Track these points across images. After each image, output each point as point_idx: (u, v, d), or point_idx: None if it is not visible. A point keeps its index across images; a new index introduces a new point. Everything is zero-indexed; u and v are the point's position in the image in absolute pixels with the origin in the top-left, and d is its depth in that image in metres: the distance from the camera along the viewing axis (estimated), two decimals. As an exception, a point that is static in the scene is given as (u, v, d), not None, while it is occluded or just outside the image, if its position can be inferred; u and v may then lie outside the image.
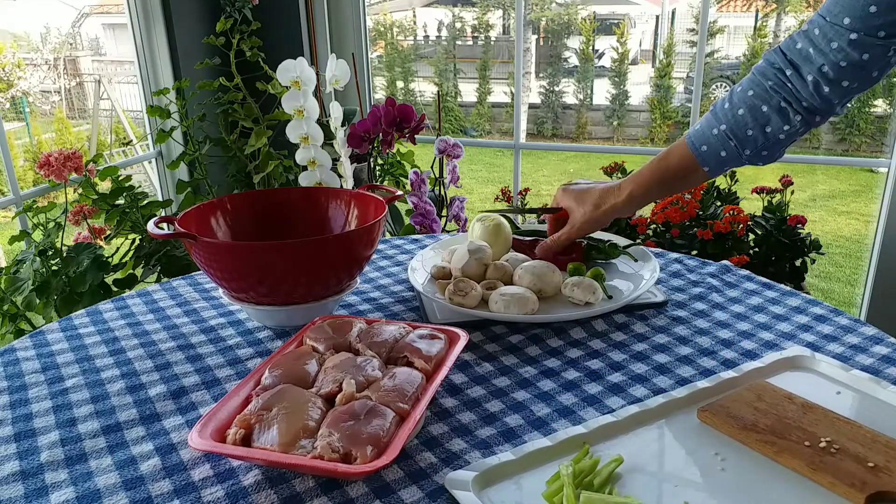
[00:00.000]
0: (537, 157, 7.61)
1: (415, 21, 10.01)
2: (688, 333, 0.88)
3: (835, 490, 0.58)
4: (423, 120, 1.74)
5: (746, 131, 0.87)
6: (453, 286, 0.92)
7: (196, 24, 2.19)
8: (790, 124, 0.85)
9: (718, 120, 0.89)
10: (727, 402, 0.70)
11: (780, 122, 0.85)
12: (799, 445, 0.63)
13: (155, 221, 0.86)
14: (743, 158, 0.89)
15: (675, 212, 1.93)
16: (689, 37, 8.73)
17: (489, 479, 0.61)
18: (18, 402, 0.76)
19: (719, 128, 0.89)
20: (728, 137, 0.88)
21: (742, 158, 0.89)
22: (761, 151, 0.88)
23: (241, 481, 0.62)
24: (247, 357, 0.84)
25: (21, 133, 7.28)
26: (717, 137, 0.89)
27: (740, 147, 0.88)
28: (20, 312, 1.58)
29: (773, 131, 0.86)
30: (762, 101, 0.86)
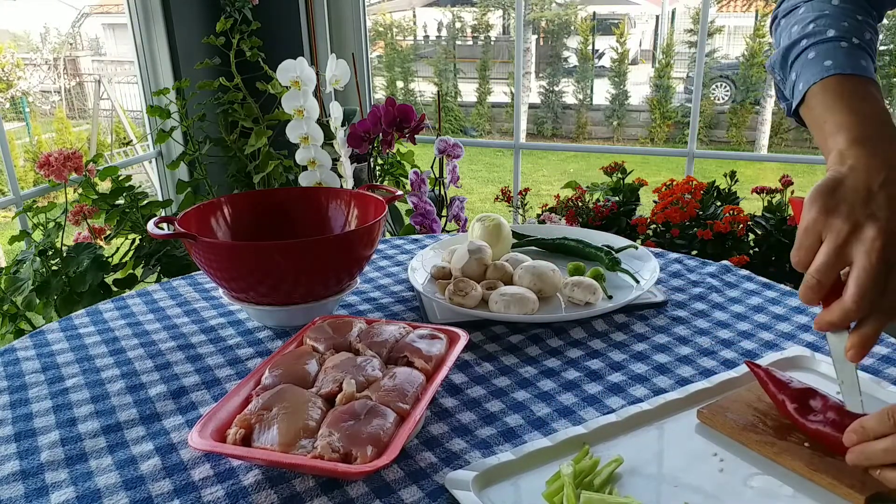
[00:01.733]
0: (537, 157, 7.61)
1: (414, 21, 10.02)
2: (688, 333, 0.88)
3: (834, 490, 0.58)
4: (423, 120, 1.74)
5: (864, 33, 0.71)
6: (453, 286, 0.92)
7: (196, 24, 2.19)
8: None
9: (837, 39, 0.70)
10: (727, 402, 0.70)
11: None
12: (798, 446, 0.63)
13: (155, 221, 0.86)
14: (875, 62, 0.71)
15: (675, 212, 1.93)
16: (688, 37, 8.73)
17: (489, 479, 0.61)
18: (18, 402, 0.76)
19: (850, 41, 0.70)
20: (863, 48, 0.70)
21: (875, 63, 0.71)
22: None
23: (241, 481, 0.62)
24: (247, 357, 0.84)
25: (21, 133, 7.28)
26: (855, 49, 0.70)
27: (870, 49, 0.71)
28: (20, 312, 1.58)
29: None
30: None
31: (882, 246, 0.56)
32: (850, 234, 0.57)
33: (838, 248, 0.58)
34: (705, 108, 8.30)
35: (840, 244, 0.58)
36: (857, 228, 0.57)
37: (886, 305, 0.57)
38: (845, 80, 0.67)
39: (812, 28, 0.72)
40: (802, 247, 0.60)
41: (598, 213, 2.03)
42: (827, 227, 0.58)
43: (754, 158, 8.24)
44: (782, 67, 0.74)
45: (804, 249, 0.60)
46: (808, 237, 0.60)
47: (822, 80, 0.68)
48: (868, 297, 0.56)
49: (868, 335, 0.58)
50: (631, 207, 2.10)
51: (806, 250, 0.60)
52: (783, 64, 0.74)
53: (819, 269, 0.58)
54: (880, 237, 0.56)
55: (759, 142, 8.14)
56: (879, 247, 0.56)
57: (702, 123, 8.16)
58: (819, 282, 0.59)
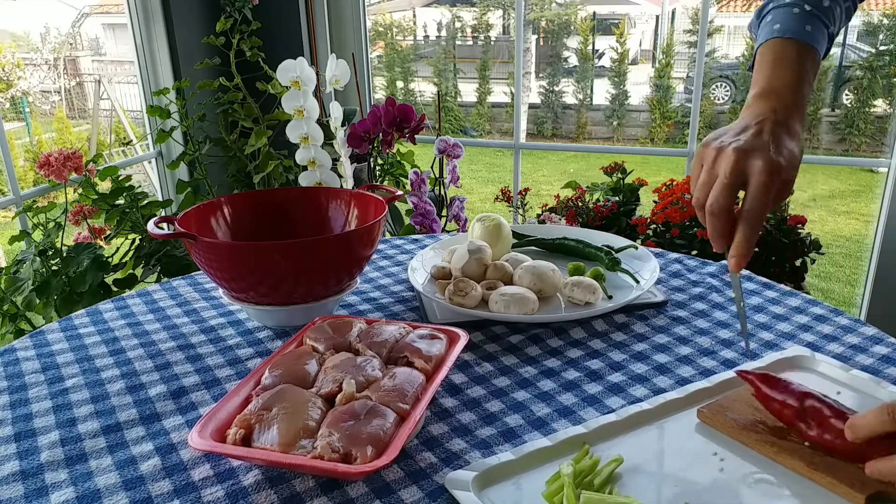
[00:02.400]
0: (537, 157, 7.61)
1: (414, 21, 10.01)
2: (688, 333, 0.88)
3: (834, 490, 0.58)
4: (423, 120, 1.74)
5: (822, 1, 0.78)
6: (453, 286, 0.92)
7: (196, 24, 2.19)
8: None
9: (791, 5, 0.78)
10: (727, 402, 0.70)
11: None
12: (798, 445, 0.63)
13: (155, 221, 0.86)
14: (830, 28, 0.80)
15: (675, 212, 1.93)
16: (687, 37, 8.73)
17: (489, 479, 0.61)
18: (18, 402, 0.76)
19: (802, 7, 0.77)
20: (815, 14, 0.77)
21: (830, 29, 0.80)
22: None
23: (241, 481, 0.62)
24: (247, 357, 0.84)
25: (21, 133, 7.28)
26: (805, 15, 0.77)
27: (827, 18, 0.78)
28: (20, 312, 1.58)
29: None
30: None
31: (735, 160, 0.66)
32: (716, 156, 0.69)
33: (709, 171, 0.69)
34: (705, 108, 8.30)
35: (709, 167, 0.69)
36: (720, 151, 0.68)
37: (748, 213, 0.67)
38: (783, 43, 0.76)
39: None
40: (693, 177, 0.72)
41: (598, 213, 2.03)
42: (702, 154, 0.71)
43: (754, 158, 8.21)
44: (756, 26, 0.83)
45: (693, 179, 0.72)
46: (694, 168, 0.72)
47: (766, 41, 0.78)
48: (720, 202, 0.67)
49: (739, 242, 0.67)
50: (631, 207, 2.10)
51: (693, 179, 0.72)
52: (756, 22, 0.83)
53: (696, 188, 0.70)
54: (734, 153, 0.67)
55: (759, 142, 8.12)
56: (733, 160, 0.67)
57: (702, 123, 8.15)
58: (697, 199, 0.70)
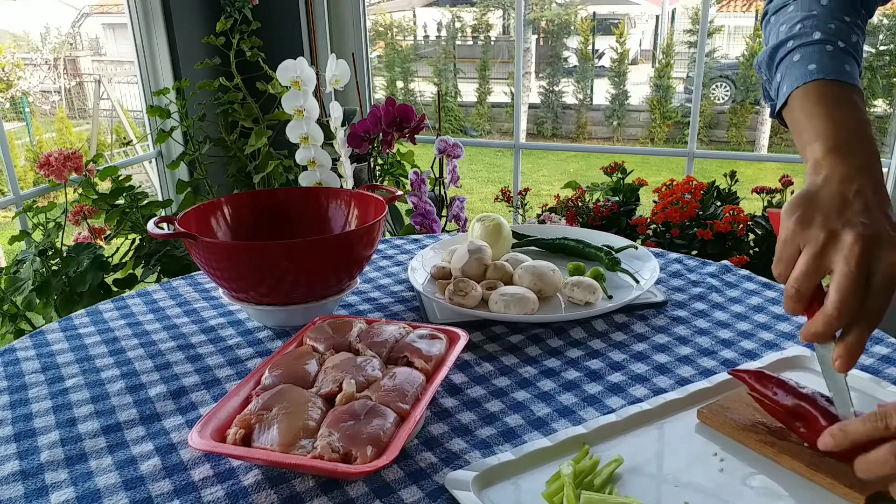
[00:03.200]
0: (537, 157, 7.61)
1: (414, 21, 10.02)
2: (688, 333, 0.88)
3: (834, 490, 0.58)
4: (423, 120, 1.74)
5: (850, 36, 0.71)
6: (453, 286, 0.92)
7: (196, 24, 2.19)
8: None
9: (822, 42, 0.70)
10: (727, 402, 0.70)
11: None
12: (798, 446, 0.63)
13: (155, 221, 0.86)
14: (861, 64, 0.72)
15: (675, 212, 1.93)
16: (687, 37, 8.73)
17: (489, 479, 0.61)
18: (18, 402, 0.76)
19: (836, 44, 0.69)
20: (849, 51, 0.70)
21: (861, 66, 0.72)
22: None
23: (241, 481, 0.62)
24: (247, 357, 0.84)
25: (21, 133, 7.28)
26: (840, 53, 0.69)
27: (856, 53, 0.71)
28: (20, 312, 1.58)
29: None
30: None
31: (861, 251, 0.56)
32: (827, 242, 0.57)
33: (817, 257, 0.58)
34: (705, 108, 8.30)
35: (818, 253, 0.57)
36: (834, 236, 0.57)
37: (868, 312, 0.57)
38: (827, 85, 0.67)
39: (799, 29, 0.71)
40: (782, 259, 0.60)
41: (598, 213, 2.03)
42: (804, 237, 0.58)
43: (754, 158, 8.24)
44: (769, 67, 0.74)
45: (784, 262, 0.60)
46: (786, 249, 0.60)
47: (805, 85, 0.67)
48: (849, 304, 0.56)
49: (853, 343, 0.57)
50: (631, 207, 2.10)
51: (786, 262, 0.60)
52: (770, 63, 0.74)
53: (798, 279, 0.58)
54: (858, 243, 0.56)
55: (759, 142, 8.14)
56: (858, 252, 0.56)
57: (702, 123, 8.16)
58: (798, 290, 0.59)
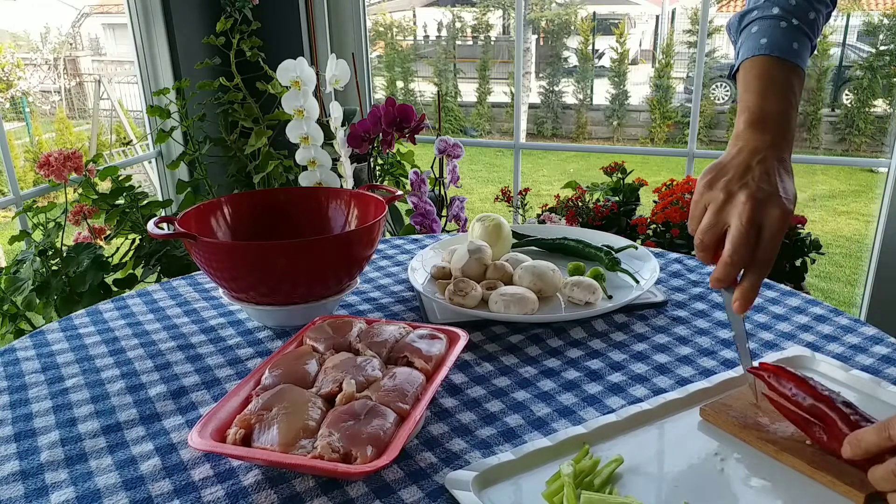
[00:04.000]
0: (537, 157, 7.61)
1: (414, 21, 10.02)
2: (688, 333, 0.88)
3: (835, 489, 0.58)
4: (423, 120, 1.74)
5: (808, 13, 0.76)
6: (453, 286, 0.92)
7: (196, 24, 2.19)
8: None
9: (778, 18, 0.76)
10: (729, 400, 0.70)
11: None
12: (800, 444, 0.63)
13: (155, 221, 0.86)
14: (814, 42, 0.78)
15: (675, 212, 1.93)
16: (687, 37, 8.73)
17: (489, 479, 0.61)
18: (18, 402, 0.76)
19: (790, 21, 0.75)
20: (801, 29, 0.76)
21: (813, 42, 0.78)
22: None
23: (241, 481, 0.62)
24: (247, 357, 0.84)
25: (21, 133, 7.28)
26: (792, 30, 0.75)
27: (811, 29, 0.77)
28: (20, 312, 1.58)
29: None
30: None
31: (751, 209, 0.65)
32: (726, 201, 0.67)
33: (716, 213, 0.67)
34: (705, 108, 8.30)
35: (717, 209, 0.67)
36: (731, 196, 0.66)
37: (760, 261, 0.65)
38: (771, 62, 0.74)
39: (763, 0, 0.77)
40: (693, 217, 0.70)
41: (598, 213, 2.03)
42: (709, 196, 0.68)
43: (754, 158, 8.21)
44: (737, 31, 0.80)
45: (694, 219, 0.70)
46: (696, 207, 0.70)
47: (753, 57, 0.75)
48: (741, 253, 0.64)
49: (747, 288, 0.66)
50: (631, 207, 2.10)
51: (696, 219, 0.69)
52: (738, 27, 0.80)
53: (702, 230, 0.68)
54: (749, 201, 0.65)
55: (758, 142, 8.12)
56: (749, 209, 0.65)
57: (702, 123, 8.15)
58: (702, 241, 0.68)
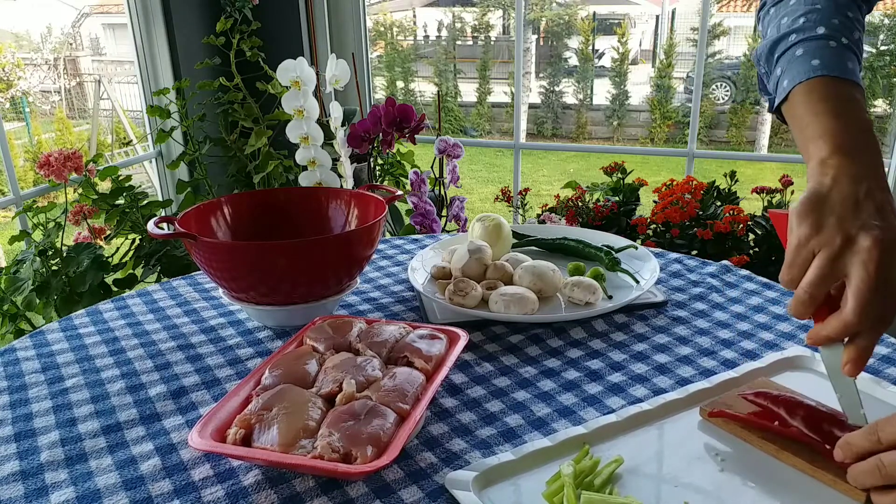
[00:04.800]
0: (537, 157, 7.61)
1: (415, 21, 10.02)
2: (688, 333, 0.88)
3: (836, 487, 0.58)
4: (423, 120, 1.74)
5: (853, 32, 0.70)
6: (453, 286, 0.92)
7: (196, 24, 2.19)
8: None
9: (826, 38, 0.69)
10: (730, 399, 0.70)
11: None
12: (800, 443, 0.63)
13: (155, 221, 0.86)
14: (862, 61, 0.71)
15: (675, 212, 1.93)
16: (693, 35, 8.73)
17: (489, 479, 0.61)
18: (18, 402, 0.76)
19: (839, 41, 0.68)
20: (851, 48, 0.69)
21: (861, 62, 0.71)
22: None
23: (241, 481, 0.62)
24: (247, 357, 0.84)
25: (21, 133, 7.29)
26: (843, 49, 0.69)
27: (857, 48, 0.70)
28: (20, 312, 1.58)
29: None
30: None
31: (879, 256, 0.55)
32: (843, 246, 0.56)
33: (832, 261, 0.56)
34: (705, 108, 8.30)
35: (833, 256, 0.56)
36: (850, 241, 0.56)
37: (877, 317, 0.56)
38: (831, 82, 0.66)
39: (802, 23, 0.70)
40: (795, 264, 0.58)
41: (598, 213, 2.03)
42: (819, 241, 0.57)
43: (754, 158, 8.24)
44: (768, 60, 0.73)
45: (797, 266, 0.58)
46: (800, 253, 0.58)
47: (808, 81, 0.66)
48: (868, 310, 0.55)
49: (864, 347, 0.57)
50: (631, 207, 2.10)
51: (799, 267, 0.58)
52: (769, 57, 0.73)
53: (812, 283, 0.57)
54: (876, 247, 0.55)
55: (759, 142, 8.14)
56: (877, 257, 0.55)
57: (702, 123, 8.16)
58: (812, 296, 0.57)
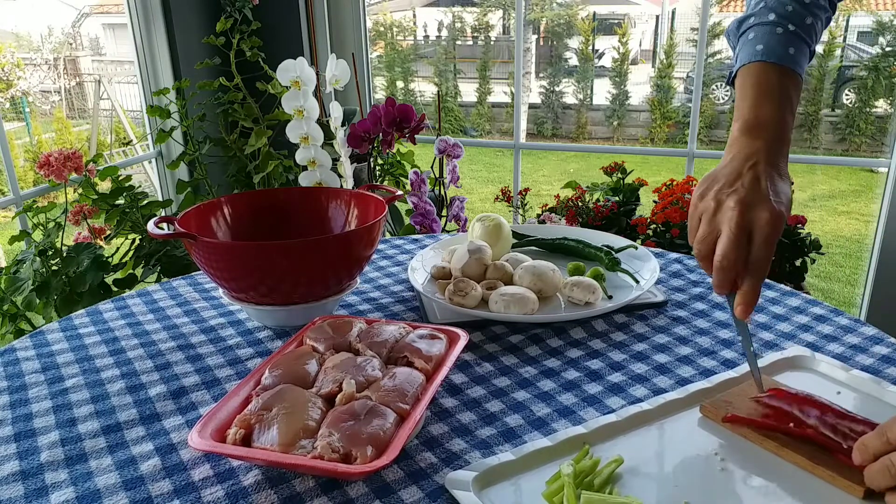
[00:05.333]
0: (537, 157, 7.61)
1: (415, 21, 10.02)
2: (688, 333, 0.88)
3: (835, 483, 0.59)
4: (423, 120, 1.74)
5: (805, 18, 0.76)
6: (453, 286, 0.92)
7: (196, 24, 2.19)
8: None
9: (774, 24, 0.76)
10: (729, 396, 0.70)
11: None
12: (800, 440, 0.63)
13: (155, 221, 0.86)
14: (812, 46, 0.78)
15: (675, 212, 1.93)
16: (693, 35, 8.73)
17: (489, 479, 0.61)
18: (18, 402, 0.76)
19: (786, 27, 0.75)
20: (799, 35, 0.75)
21: (812, 47, 0.78)
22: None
23: (241, 481, 0.62)
24: (247, 357, 0.84)
25: (21, 133, 7.28)
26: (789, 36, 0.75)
27: (808, 36, 0.77)
28: (20, 312, 1.58)
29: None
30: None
31: (738, 214, 0.65)
32: (716, 209, 0.68)
33: (709, 223, 0.68)
34: (706, 108, 8.30)
35: (709, 219, 0.68)
36: (720, 204, 0.68)
37: (755, 264, 0.65)
38: (767, 68, 0.74)
39: (760, 7, 0.77)
40: (691, 228, 0.71)
41: (598, 213, 2.03)
42: (702, 207, 0.69)
43: (754, 158, 8.22)
44: (735, 36, 0.80)
45: (692, 230, 0.71)
46: (692, 219, 0.71)
47: (749, 64, 0.75)
48: (730, 258, 0.65)
49: (747, 292, 0.66)
50: (631, 207, 2.10)
51: (693, 230, 0.71)
52: (735, 33, 0.80)
53: (697, 240, 0.69)
54: (737, 207, 0.66)
55: (759, 142, 8.13)
56: (736, 215, 0.65)
57: (702, 123, 8.15)
58: (699, 251, 0.69)
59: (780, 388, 0.69)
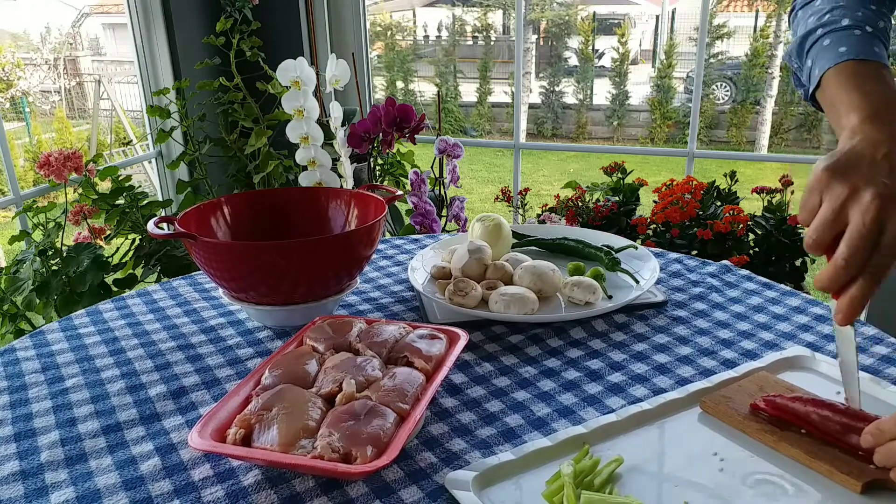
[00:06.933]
0: (537, 157, 7.61)
1: (414, 21, 10.02)
2: (688, 333, 0.88)
3: (833, 478, 0.59)
4: (423, 120, 1.74)
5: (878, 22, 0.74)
6: (453, 286, 0.92)
7: (196, 24, 2.19)
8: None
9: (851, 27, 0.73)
10: (729, 392, 0.70)
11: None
12: (797, 434, 0.63)
13: (155, 221, 0.86)
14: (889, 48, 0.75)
15: (675, 212, 1.93)
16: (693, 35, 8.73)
17: (489, 479, 0.61)
18: (18, 402, 0.76)
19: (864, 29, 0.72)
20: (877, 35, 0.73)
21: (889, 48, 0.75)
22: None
23: (241, 481, 0.62)
24: (247, 357, 0.84)
25: (21, 133, 7.29)
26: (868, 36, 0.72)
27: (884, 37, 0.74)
28: (20, 312, 1.58)
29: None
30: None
31: (877, 209, 0.57)
32: (849, 197, 0.59)
33: (836, 209, 0.59)
34: (706, 108, 8.31)
35: (838, 206, 0.59)
36: (855, 192, 0.59)
37: (876, 267, 0.58)
38: (858, 64, 0.70)
39: (828, 18, 0.74)
40: (805, 207, 0.62)
41: (598, 213, 2.03)
42: (828, 189, 0.60)
43: (754, 158, 8.24)
44: (798, 55, 0.77)
45: (806, 210, 0.62)
46: (810, 197, 0.62)
47: (837, 65, 0.70)
48: (857, 257, 0.57)
49: (855, 297, 0.59)
50: (631, 207, 2.10)
51: (808, 210, 0.62)
52: (800, 52, 0.77)
53: (816, 228, 0.60)
54: (876, 200, 0.58)
55: (759, 142, 8.15)
56: (875, 208, 0.57)
57: (702, 123, 8.16)
58: (815, 240, 0.61)
59: (788, 391, 0.69)
